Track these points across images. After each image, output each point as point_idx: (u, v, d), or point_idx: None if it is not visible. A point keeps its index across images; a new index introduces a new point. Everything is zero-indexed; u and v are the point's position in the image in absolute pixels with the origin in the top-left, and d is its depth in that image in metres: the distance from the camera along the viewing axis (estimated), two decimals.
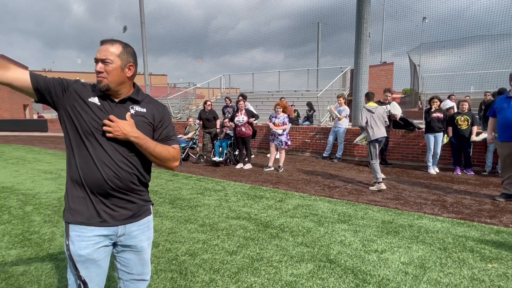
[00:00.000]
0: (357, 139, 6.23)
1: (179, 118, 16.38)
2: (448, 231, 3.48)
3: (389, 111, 6.83)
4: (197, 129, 8.42)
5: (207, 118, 8.41)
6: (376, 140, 5.33)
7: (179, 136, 8.18)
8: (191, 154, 8.35)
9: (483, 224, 3.67)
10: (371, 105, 5.58)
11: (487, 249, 3.05)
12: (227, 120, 8.07)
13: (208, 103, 8.32)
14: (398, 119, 7.07)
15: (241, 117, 7.10)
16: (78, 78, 1.48)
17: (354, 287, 2.44)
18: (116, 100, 1.41)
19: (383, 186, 5.18)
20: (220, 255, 2.97)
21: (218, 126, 8.31)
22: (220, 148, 7.47)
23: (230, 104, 9.46)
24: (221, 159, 7.32)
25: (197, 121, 8.47)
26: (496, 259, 2.85)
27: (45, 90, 1.32)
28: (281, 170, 6.84)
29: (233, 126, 7.34)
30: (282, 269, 2.70)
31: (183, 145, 7.95)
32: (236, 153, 8.37)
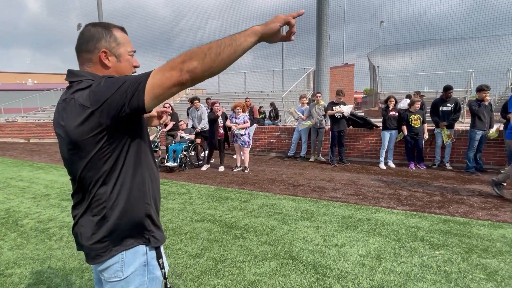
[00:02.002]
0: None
1: None
2: (402, 223, 3.70)
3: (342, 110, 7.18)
4: (159, 131, 8.16)
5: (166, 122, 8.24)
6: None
7: None
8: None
9: (433, 215, 3.95)
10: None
11: (436, 237, 3.29)
12: (182, 122, 7.90)
13: (167, 105, 8.12)
14: (344, 115, 7.30)
15: (220, 119, 7.07)
16: None
17: (315, 282, 2.52)
18: None
19: None
20: (183, 259, 2.92)
21: (183, 127, 8.07)
22: (175, 153, 7.12)
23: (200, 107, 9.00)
24: (175, 164, 6.97)
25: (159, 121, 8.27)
26: (443, 246, 3.08)
27: None
28: (247, 171, 6.87)
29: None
30: (246, 269, 2.72)
31: None
32: (203, 155, 8.27)
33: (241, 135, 6.84)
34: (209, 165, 7.35)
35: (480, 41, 16.81)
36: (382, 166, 7.04)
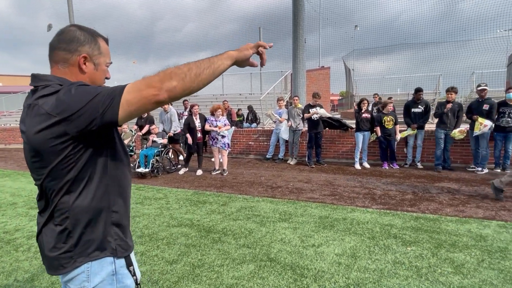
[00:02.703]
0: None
1: None
2: (376, 221, 3.81)
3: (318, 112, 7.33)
4: (134, 135, 7.93)
5: (141, 125, 8.08)
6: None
7: None
8: None
9: (405, 213, 4.10)
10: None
11: (408, 234, 3.42)
12: (154, 126, 7.75)
13: None
14: (319, 117, 7.46)
15: (197, 122, 6.98)
16: None
17: (293, 282, 2.54)
18: None
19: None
20: (159, 265, 2.86)
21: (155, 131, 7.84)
22: (146, 158, 6.87)
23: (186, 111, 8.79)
24: (146, 170, 6.73)
25: (134, 126, 8.06)
26: (414, 243, 3.20)
27: None
28: (225, 174, 6.84)
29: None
30: (224, 273, 2.70)
31: None
32: (181, 158, 8.14)
33: (222, 137, 6.82)
34: (187, 169, 7.25)
35: (448, 45, 17.72)
36: (357, 166, 7.24)
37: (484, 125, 6.15)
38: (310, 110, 7.43)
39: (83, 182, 1.04)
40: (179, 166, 7.79)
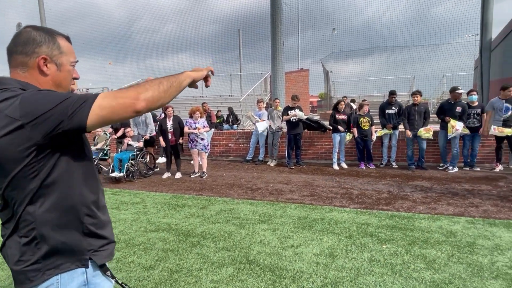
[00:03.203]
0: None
1: None
2: (353, 220, 3.90)
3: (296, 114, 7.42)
4: (108, 138, 7.66)
5: (117, 128, 7.87)
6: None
7: None
8: (102, 166, 7.52)
9: (381, 211, 4.22)
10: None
11: (383, 232, 3.52)
12: (129, 129, 7.57)
13: None
14: (297, 119, 7.56)
15: (170, 124, 6.85)
16: None
17: (272, 284, 2.55)
18: None
19: None
20: (136, 272, 2.80)
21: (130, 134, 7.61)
22: (121, 162, 6.65)
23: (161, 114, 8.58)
24: (121, 174, 6.51)
25: (109, 129, 7.83)
26: (389, 240, 3.30)
27: None
28: (205, 176, 6.78)
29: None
30: (202, 277, 2.68)
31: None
32: (162, 161, 8.01)
33: (202, 139, 6.76)
34: (169, 173, 7.09)
35: (421, 49, 18.44)
36: (335, 167, 7.38)
37: (456, 128, 6.46)
38: (288, 112, 7.51)
39: (49, 191, 0.98)
40: (157, 169, 7.65)
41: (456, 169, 6.67)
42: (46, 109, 0.88)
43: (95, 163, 6.94)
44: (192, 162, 7.51)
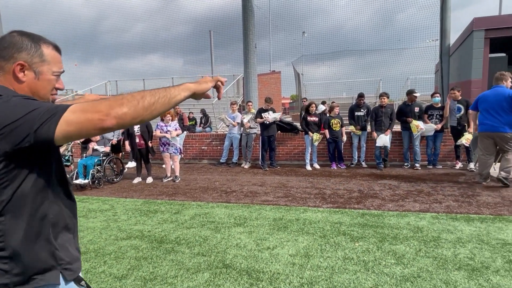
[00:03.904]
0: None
1: None
2: (327, 220, 3.99)
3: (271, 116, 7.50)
4: (70, 143, 7.15)
5: None
6: None
7: None
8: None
9: (352, 210, 4.35)
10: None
11: (355, 230, 3.63)
12: None
13: None
14: (270, 121, 7.66)
15: (137, 127, 6.60)
16: None
17: (249, 287, 2.54)
18: None
19: None
20: (107, 282, 2.67)
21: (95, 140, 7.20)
22: (85, 168, 6.33)
23: None
24: (85, 181, 6.19)
25: None
26: (361, 238, 3.41)
27: None
28: (178, 180, 6.64)
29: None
30: (178, 284, 2.61)
31: None
32: (132, 165, 7.73)
33: (174, 143, 6.61)
34: (140, 178, 6.86)
35: (386, 53, 19.27)
36: (308, 167, 7.52)
37: (420, 128, 6.84)
38: (262, 114, 7.56)
39: (19, 204, 0.95)
40: (126, 169, 7.37)
41: (418, 165, 7.10)
42: (13, 119, 0.84)
43: None
44: (164, 166, 7.33)
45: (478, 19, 7.06)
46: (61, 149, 6.83)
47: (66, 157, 6.84)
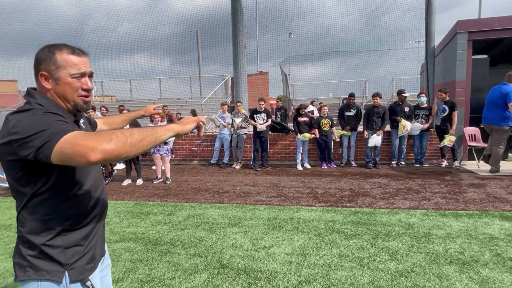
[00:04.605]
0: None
1: None
2: (321, 218, 4.04)
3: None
4: None
5: None
6: None
7: None
8: None
9: (345, 208, 4.42)
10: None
11: (349, 228, 3.69)
12: None
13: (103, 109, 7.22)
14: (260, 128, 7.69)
15: (126, 127, 6.48)
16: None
17: (248, 286, 2.55)
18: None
19: None
20: None
21: None
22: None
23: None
24: None
25: None
26: (355, 235, 3.47)
27: None
28: (169, 182, 6.57)
29: None
30: (176, 286, 2.59)
31: None
32: (121, 167, 7.61)
33: (165, 143, 6.54)
34: (130, 180, 6.75)
35: (372, 54, 19.68)
36: (299, 167, 7.59)
37: (406, 129, 7.02)
38: (255, 116, 7.59)
39: (38, 201, 1.07)
40: (114, 173, 7.25)
41: (403, 163, 7.31)
42: (29, 134, 0.94)
43: None
44: (154, 167, 7.25)
45: (461, 22, 7.29)
46: None
47: None
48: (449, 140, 6.72)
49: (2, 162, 1.04)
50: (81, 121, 1.28)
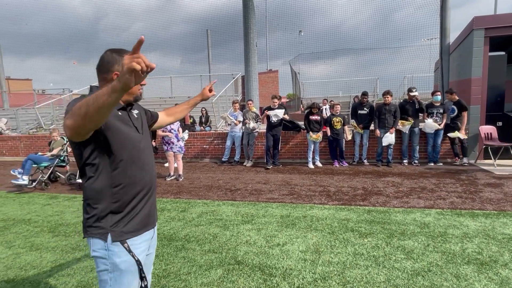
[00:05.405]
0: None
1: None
2: (334, 217, 4.03)
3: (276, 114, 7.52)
4: (66, 143, 7.00)
5: None
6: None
7: (42, 154, 6.71)
8: (59, 173, 6.95)
9: (358, 207, 4.39)
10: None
11: (363, 227, 3.66)
12: None
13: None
14: (277, 120, 7.67)
15: None
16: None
17: (263, 283, 2.57)
18: (127, 108, 1.47)
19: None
20: None
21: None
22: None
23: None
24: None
25: None
26: (370, 234, 3.45)
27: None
28: (181, 179, 6.64)
29: None
30: (192, 281, 2.63)
31: (44, 164, 6.43)
32: None
33: (178, 140, 6.61)
34: None
35: (384, 51, 19.36)
36: (311, 165, 7.56)
37: (406, 128, 7.18)
38: (269, 111, 7.60)
39: (87, 171, 1.33)
40: None
41: (417, 162, 7.24)
42: (66, 111, 1.17)
43: (50, 171, 6.43)
44: (165, 165, 7.34)
45: (478, 18, 7.13)
46: (55, 150, 6.68)
47: (62, 158, 6.70)
48: (461, 133, 6.84)
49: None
50: (136, 111, 1.51)
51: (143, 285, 1.47)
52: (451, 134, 6.94)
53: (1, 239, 3.72)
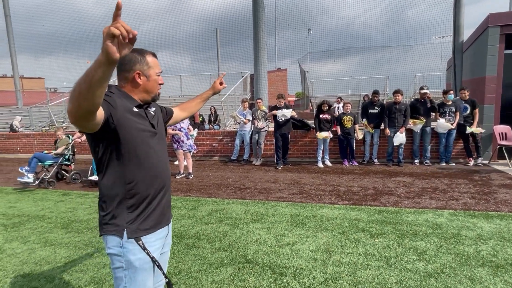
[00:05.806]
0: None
1: (65, 128, 14.26)
2: (344, 217, 4.00)
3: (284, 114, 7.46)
4: (71, 142, 6.91)
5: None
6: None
7: (47, 152, 6.79)
8: (64, 172, 6.95)
9: (369, 207, 4.35)
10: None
11: (374, 227, 3.63)
12: (79, 133, 6.96)
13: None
14: (285, 119, 7.61)
15: None
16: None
17: (273, 282, 2.57)
18: (144, 106, 1.49)
19: None
20: None
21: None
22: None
23: None
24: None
25: (76, 132, 7.18)
26: (381, 234, 3.41)
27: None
28: (191, 177, 6.69)
29: None
30: (203, 278, 2.65)
31: (49, 162, 6.46)
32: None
33: (187, 139, 6.66)
34: None
35: (394, 50, 19.08)
36: (320, 165, 7.52)
37: (418, 127, 7.07)
38: (276, 111, 7.57)
39: (102, 168, 1.35)
40: None
41: (429, 161, 7.15)
42: None
43: (53, 170, 6.48)
44: (175, 163, 7.38)
45: (493, 15, 6.96)
46: (60, 149, 6.75)
47: (67, 156, 6.74)
48: (476, 130, 6.73)
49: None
50: (152, 109, 1.53)
51: (165, 281, 1.52)
52: (470, 130, 6.79)
53: (16, 234, 3.81)
